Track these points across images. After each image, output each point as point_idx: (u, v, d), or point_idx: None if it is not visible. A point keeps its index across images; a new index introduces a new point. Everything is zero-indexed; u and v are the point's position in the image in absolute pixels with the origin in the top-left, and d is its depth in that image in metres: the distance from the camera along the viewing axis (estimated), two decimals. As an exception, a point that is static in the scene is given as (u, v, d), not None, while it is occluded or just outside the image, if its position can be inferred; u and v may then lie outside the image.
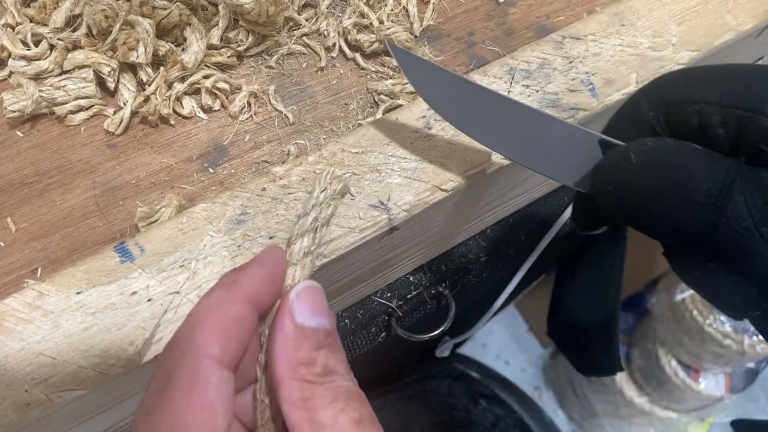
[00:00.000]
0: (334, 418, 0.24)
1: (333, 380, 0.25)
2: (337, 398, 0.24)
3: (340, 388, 0.25)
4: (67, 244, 0.39)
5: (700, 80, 0.27)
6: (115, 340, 0.30)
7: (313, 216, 0.31)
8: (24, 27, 0.44)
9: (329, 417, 0.24)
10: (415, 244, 0.43)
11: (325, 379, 0.25)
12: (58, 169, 0.41)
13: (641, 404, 1.37)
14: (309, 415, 0.24)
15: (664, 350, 1.30)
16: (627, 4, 0.43)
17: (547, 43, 0.41)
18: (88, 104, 0.43)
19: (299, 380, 0.24)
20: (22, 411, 0.28)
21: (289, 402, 0.24)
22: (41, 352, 0.29)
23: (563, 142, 0.31)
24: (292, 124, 0.44)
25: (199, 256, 0.32)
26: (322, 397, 0.24)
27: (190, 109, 0.44)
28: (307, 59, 0.48)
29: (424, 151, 0.36)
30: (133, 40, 0.42)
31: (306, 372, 0.25)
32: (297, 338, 0.26)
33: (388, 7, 0.50)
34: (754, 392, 1.45)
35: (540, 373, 1.59)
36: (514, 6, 0.51)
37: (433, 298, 0.53)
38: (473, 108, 0.32)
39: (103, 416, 0.34)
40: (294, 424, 0.24)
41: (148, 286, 0.31)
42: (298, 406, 0.24)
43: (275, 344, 0.25)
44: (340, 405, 0.24)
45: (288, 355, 0.25)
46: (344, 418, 0.24)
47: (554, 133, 0.31)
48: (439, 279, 0.52)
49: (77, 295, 0.31)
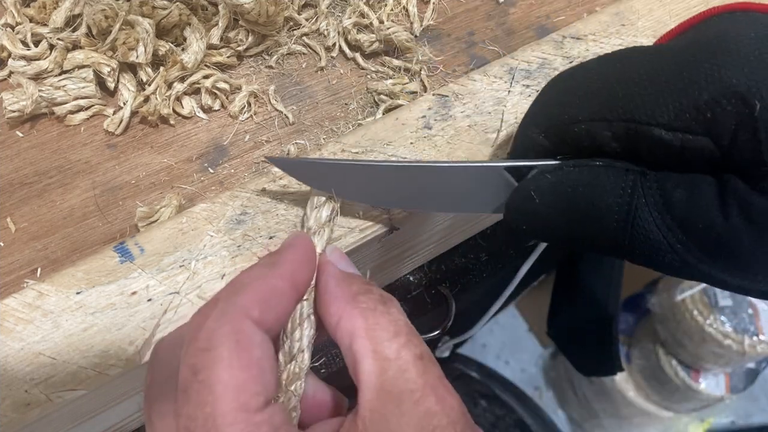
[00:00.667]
0: (398, 351, 0.23)
1: (392, 312, 0.25)
2: (399, 332, 0.24)
3: (400, 321, 0.25)
4: (66, 244, 0.39)
5: (582, 93, 0.26)
6: (115, 340, 0.30)
7: None
8: (24, 27, 0.44)
9: (393, 350, 0.23)
10: (415, 244, 0.43)
11: (386, 308, 0.25)
12: (58, 169, 0.41)
13: (641, 404, 1.37)
14: (372, 346, 0.24)
15: (664, 350, 1.30)
16: (627, 4, 0.43)
17: (548, 43, 0.41)
18: (88, 104, 0.43)
19: (361, 309, 0.25)
20: (22, 411, 0.28)
21: (351, 333, 0.24)
22: (41, 352, 0.29)
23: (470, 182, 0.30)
24: (292, 124, 0.44)
25: (199, 256, 0.32)
26: (385, 328, 0.24)
27: (190, 109, 0.44)
28: (307, 59, 0.48)
29: (424, 151, 0.36)
30: (133, 40, 0.42)
31: (366, 299, 0.25)
32: (348, 277, 0.27)
33: (388, 7, 0.50)
34: (754, 392, 1.45)
35: (540, 373, 1.59)
36: (514, 6, 0.51)
37: (433, 298, 0.53)
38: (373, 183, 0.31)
39: (103, 416, 0.34)
40: (358, 353, 0.24)
41: (148, 286, 0.31)
42: (362, 335, 0.24)
43: (327, 286, 0.26)
44: (403, 339, 0.24)
45: (344, 289, 0.26)
46: (407, 352, 0.24)
47: (458, 178, 0.30)
48: (439, 279, 0.52)
49: (77, 295, 0.31)
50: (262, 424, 0.21)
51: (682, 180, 0.24)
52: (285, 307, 0.25)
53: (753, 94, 0.21)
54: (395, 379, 0.23)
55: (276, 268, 0.25)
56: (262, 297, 0.24)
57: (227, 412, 0.21)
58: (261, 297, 0.24)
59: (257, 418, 0.22)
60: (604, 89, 0.25)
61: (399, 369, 0.23)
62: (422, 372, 0.23)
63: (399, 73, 0.47)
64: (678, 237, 0.24)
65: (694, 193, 0.24)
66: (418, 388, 0.23)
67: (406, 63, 0.47)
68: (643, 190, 0.24)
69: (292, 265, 0.26)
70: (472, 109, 0.38)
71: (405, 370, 0.23)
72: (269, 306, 0.24)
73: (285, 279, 0.25)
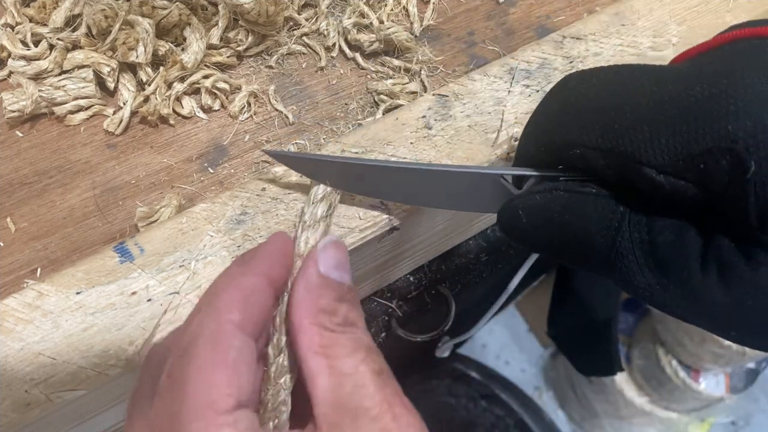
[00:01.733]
0: (355, 367, 0.23)
1: (354, 332, 0.25)
2: (358, 348, 0.24)
3: (360, 340, 0.25)
4: (66, 244, 0.39)
5: (581, 116, 0.25)
6: (115, 340, 0.30)
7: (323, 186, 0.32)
8: (24, 27, 0.44)
9: (350, 366, 0.23)
10: (415, 244, 0.43)
11: (346, 329, 0.25)
12: (58, 169, 0.41)
13: (641, 404, 1.37)
14: (329, 362, 0.24)
15: (664, 350, 1.30)
16: (627, 4, 0.43)
17: (548, 43, 0.41)
18: (88, 104, 0.43)
19: (320, 327, 0.24)
20: (22, 411, 0.28)
21: (307, 348, 0.24)
22: (41, 353, 0.29)
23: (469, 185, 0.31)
24: (292, 124, 0.44)
25: (198, 256, 0.32)
26: (343, 345, 0.24)
27: (190, 109, 0.44)
28: (307, 59, 0.48)
29: (424, 151, 0.36)
30: (132, 39, 0.42)
31: (327, 320, 0.25)
32: (320, 286, 0.26)
33: (388, 7, 0.50)
34: (754, 392, 1.45)
35: (540, 374, 1.59)
36: (514, 6, 0.51)
37: (433, 298, 0.53)
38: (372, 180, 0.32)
39: (103, 416, 0.34)
40: (312, 369, 0.24)
41: (147, 287, 0.31)
42: (317, 352, 0.24)
43: (297, 290, 0.26)
44: (361, 355, 0.24)
45: (310, 302, 0.25)
46: (365, 368, 0.24)
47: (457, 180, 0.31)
48: (439, 279, 0.52)
49: (77, 295, 0.31)
50: (224, 425, 0.21)
51: (670, 224, 0.24)
52: (265, 304, 0.25)
53: (750, 154, 0.21)
54: (351, 395, 0.23)
55: (250, 266, 0.25)
56: (240, 297, 0.24)
57: (193, 409, 0.21)
58: (239, 298, 0.24)
59: (221, 419, 0.21)
60: (602, 117, 0.25)
61: (356, 384, 0.23)
62: (380, 387, 0.23)
63: (399, 73, 0.47)
64: (658, 279, 0.24)
65: (679, 240, 0.23)
66: (375, 404, 0.23)
67: (406, 63, 0.47)
68: (629, 226, 0.24)
69: (266, 262, 0.26)
70: (472, 109, 0.38)
71: (362, 386, 0.23)
72: (248, 305, 0.24)
73: (260, 276, 0.25)
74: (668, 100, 0.23)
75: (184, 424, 0.21)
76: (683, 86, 0.23)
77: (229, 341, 0.23)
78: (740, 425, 1.48)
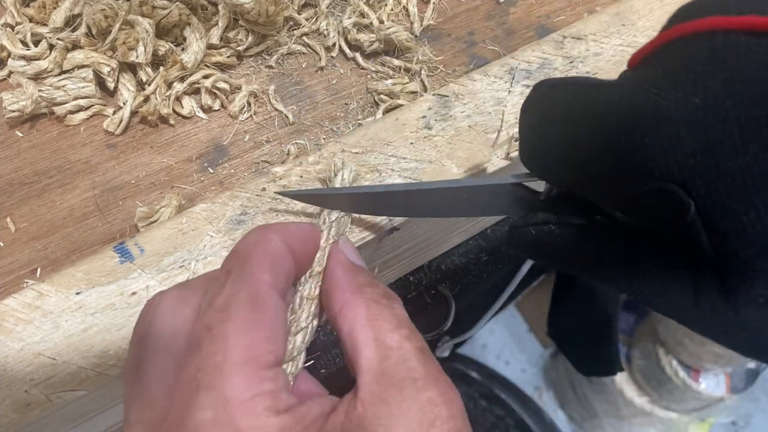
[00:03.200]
0: (400, 342, 0.24)
1: (396, 308, 0.25)
2: (401, 325, 0.24)
3: (403, 317, 0.25)
4: (66, 244, 0.39)
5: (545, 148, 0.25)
6: (115, 341, 0.30)
7: None
8: (24, 27, 0.44)
9: (395, 340, 0.24)
10: (416, 243, 0.43)
11: (389, 302, 0.25)
12: (58, 169, 0.41)
13: (642, 404, 1.37)
14: (375, 335, 0.24)
15: (664, 350, 1.30)
16: (628, 4, 0.43)
17: (548, 43, 0.41)
18: (88, 104, 0.43)
19: (365, 299, 0.25)
20: (22, 411, 0.28)
21: (352, 320, 0.24)
22: (41, 353, 0.29)
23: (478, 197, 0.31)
24: (292, 123, 0.44)
25: (198, 257, 0.32)
26: (388, 320, 0.24)
27: (190, 109, 0.44)
28: (307, 59, 0.47)
29: (424, 151, 0.36)
30: (132, 39, 0.42)
31: (371, 292, 0.25)
32: (355, 268, 0.27)
33: (388, 7, 0.49)
34: (754, 392, 1.45)
35: (540, 374, 1.59)
36: (514, 6, 0.51)
37: (433, 298, 0.53)
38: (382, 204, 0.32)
39: (103, 416, 0.34)
40: (358, 340, 0.24)
41: (147, 287, 0.31)
42: (363, 324, 0.24)
43: (335, 272, 0.27)
44: (405, 331, 0.24)
45: (351, 278, 0.26)
46: (409, 344, 0.24)
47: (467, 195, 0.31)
48: (439, 279, 0.52)
49: (77, 295, 0.31)
50: (265, 380, 0.22)
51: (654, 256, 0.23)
52: (290, 272, 0.25)
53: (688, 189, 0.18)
54: (397, 366, 0.23)
55: (269, 231, 0.26)
56: (269, 260, 0.24)
57: (236, 362, 0.21)
58: (268, 260, 0.24)
59: (263, 373, 0.22)
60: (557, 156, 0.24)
61: (401, 357, 0.23)
62: (424, 363, 0.23)
63: (399, 73, 0.47)
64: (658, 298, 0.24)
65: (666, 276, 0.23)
66: (421, 376, 0.23)
67: (406, 63, 0.47)
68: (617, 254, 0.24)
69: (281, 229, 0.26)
70: (473, 109, 0.38)
71: (407, 359, 0.23)
72: (277, 267, 0.25)
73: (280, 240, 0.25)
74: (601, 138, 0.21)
75: (227, 377, 0.21)
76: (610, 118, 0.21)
77: (266, 301, 0.23)
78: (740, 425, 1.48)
